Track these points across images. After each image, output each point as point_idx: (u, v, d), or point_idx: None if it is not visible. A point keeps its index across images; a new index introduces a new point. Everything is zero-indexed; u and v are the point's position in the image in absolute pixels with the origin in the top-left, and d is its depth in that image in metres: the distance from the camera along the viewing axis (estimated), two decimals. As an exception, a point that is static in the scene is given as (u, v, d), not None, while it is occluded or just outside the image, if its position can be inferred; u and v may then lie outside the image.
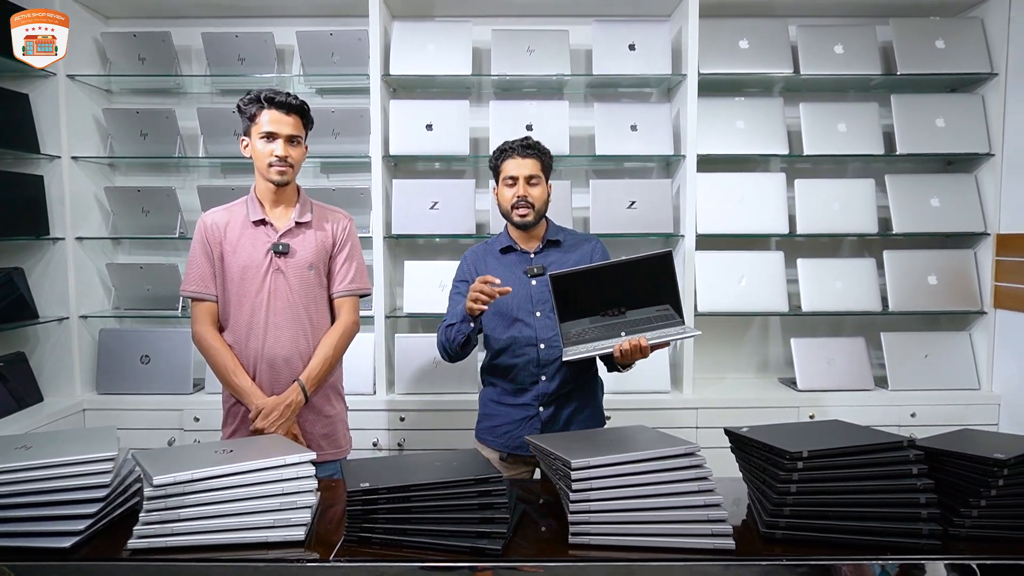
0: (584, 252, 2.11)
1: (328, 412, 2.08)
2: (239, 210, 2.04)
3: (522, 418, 2.06)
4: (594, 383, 2.15)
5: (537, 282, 2.05)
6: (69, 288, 2.87)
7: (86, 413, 2.85)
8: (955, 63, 2.92)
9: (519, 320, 2.04)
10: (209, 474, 1.30)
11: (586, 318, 1.91)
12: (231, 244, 1.99)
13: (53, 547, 1.28)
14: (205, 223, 2.02)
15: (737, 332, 3.23)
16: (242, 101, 1.97)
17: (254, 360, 1.99)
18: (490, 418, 2.13)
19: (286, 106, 1.95)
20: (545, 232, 2.12)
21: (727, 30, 2.94)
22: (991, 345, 2.93)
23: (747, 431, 1.44)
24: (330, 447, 2.07)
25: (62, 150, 2.84)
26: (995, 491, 1.31)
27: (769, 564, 1.26)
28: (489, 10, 3.06)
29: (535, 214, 2.04)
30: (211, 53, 2.96)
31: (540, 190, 2.06)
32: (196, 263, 2.02)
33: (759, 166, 3.15)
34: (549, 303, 1.95)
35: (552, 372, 2.04)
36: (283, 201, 2.04)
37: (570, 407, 2.06)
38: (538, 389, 2.04)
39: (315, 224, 2.05)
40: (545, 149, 2.10)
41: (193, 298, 2.03)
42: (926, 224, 2.94)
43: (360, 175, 3.08)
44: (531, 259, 2.09)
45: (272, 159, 1.95)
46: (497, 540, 1.29)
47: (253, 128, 1.96)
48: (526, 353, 2.04)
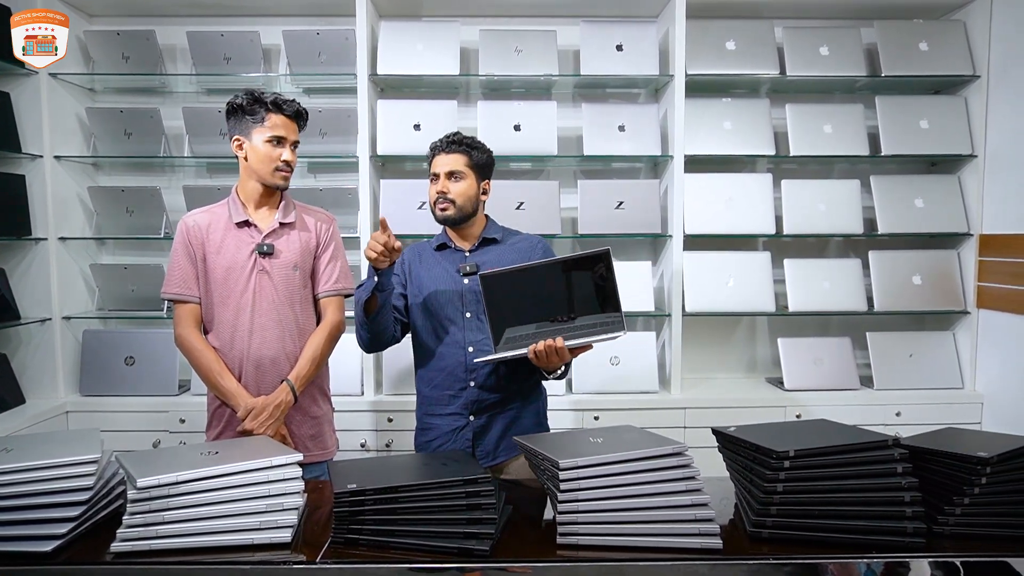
0: (522, 251, 2.01)
1: (315, 413, 2.07)
2: (221, 211, 2.02)
3: (451, 429, 1.96)
4: (534, 391, 2.03)
5: (469, 281, 1.96)
6: (52, 289, 2.84)
7: (69, 415, 2.81)
8: (938, 65, 2.95)
9: (448, 320, 1.96)
10: (194, 476, 1.29)
11: (532, 324, 1.80)
12: (214, 245, 1.98)
13: (34, 551, 1.26)
14: (187, 224, 2.01)
15: (724, 332, 3.25)
16: (243, 100, 1.94)
17: (240, 361, 1.98)
18: (424, 432, 2.03)
19: (295, 113, 1.98)
20: (483, 230, 2.04)
21: (714, 31, 2.95)
22: (974, 344, 2.96)
23: (734, 431, 1.45)
24: (317, 448, 2.06)
25: (44, 149, 2.80)
26: (979, 489, 1.32)
27: (756, 563, 1.27)
28: (477, 10, 3.06)
29: (456, 209, 1.95)
30: (196, 52, 2.94)
31: (464, 185, 1.95)
32: (178, 265, 2.00)
33: (746, 167, 3.17)
34: (482, 304, 1.85)
35: (482, 378, 1.94)
36: (267, 202, 2.03)
37: (505, 417, 1.96)
38: (467, 396, 1.94)
39: (299, 224, 2.04)
40: (477, 144, 2.00)
41: (175, 300, 2.01)
42: (910, 225, 2.97)
43: (348, 175, 3.07)
44: (465, 257, 2.01)
45: (280, 164, 1.95)
46: (485, 541, 1.29)
47: (256, 129, 1.94)
48: (454, 356, 1.95)
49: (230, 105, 1.97)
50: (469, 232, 2.03)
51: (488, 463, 1.95)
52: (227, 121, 2.00)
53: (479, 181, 2.00)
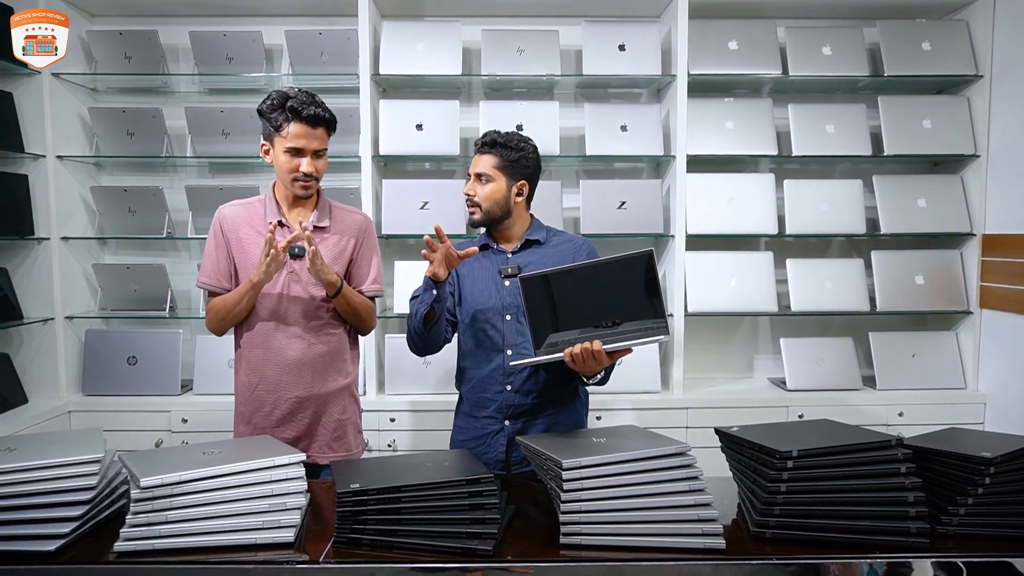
0: (565, 253, 1.95)
1: (339, 415, 2.04)
2: (257, 207, 1.99)
3: (486, 433, 1.93)
4: (572, 398, 1.97)
5: (511, 283, 1.92)
6: (54, 289, 2.84)
7: (72, 415, 2.82)
8: (941, 65, 2.95)
9: (487, 322, 1.92)
10: (197, 476, 1.29)
11: (576, 329, 1.71)
12: (248, 241, 1.95)
13: (38, 551, 1.27)
14: (221, 215, 1.98)
15: (727, 332, 3.24)
16: (266, 106, 1.87)
17: (268, 361, 1.96)
18: (460, 431, 2.02)
19: (314, 119, 1.85)
20: (525, 231, 1.99)
21: (716, 31, 2.95)
22: (977, 345, 2.95)
23: (737, 431, 1.45)
24: (342, 450, 2.04)
25: (47, 149, 2.81)
26: (982, 489, 1.32)
27: (759, 563, 1.27)
28: (479, 10, 3.06)
29: (482, 213, 1.92)
30: (199, 52, 2.94)
31: (490, 189, 1.90)
32: (210, 256, 1.98)
33: (748, 167, 3.16)
34: (521, 307, 1.78)
35: (519, 382, 1.91)
36: (302, 203, 1.98)
37: (543, 422, 1.92)
38: (503, 400, 1.91)
39: (334, 228, 2.00)
40: (513, 143, 1.92)
41: (208, 291, 2.00)
42: (913, 224, 2.97)
43: (350, 175, 3.06)
44: (508, 258, 1.97)
45: (298, 175, 1.88)
46: (488, 541, 1.29)
47: (277, 138, 1.87)
48: (491, 358, 1.92)
49: (259, 108, 1.89)
50: (510, 233, 1.98)
51: (523, 469, 1.90)
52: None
53: (511, 183, 1.92)
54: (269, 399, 1.97)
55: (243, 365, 2.00)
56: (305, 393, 1.97)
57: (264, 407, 1.97)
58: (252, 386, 1.98)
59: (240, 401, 2.02)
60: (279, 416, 1.97)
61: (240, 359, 2.02)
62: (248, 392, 1.99)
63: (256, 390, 1.97)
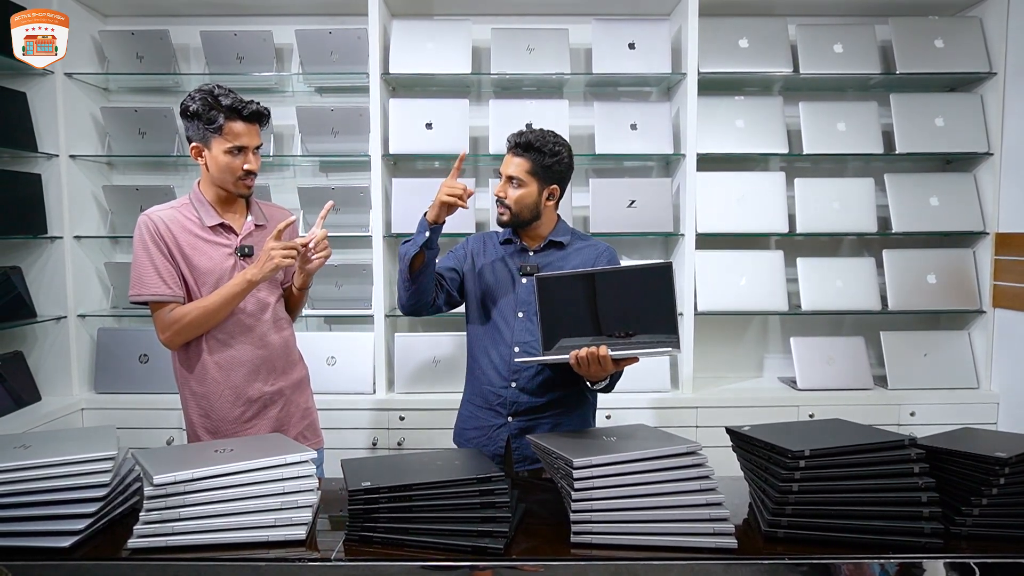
0: (586, 257, 1.95)
1: (306, 404, 2.09)
2: (187, 212, 1.90)
3: (488, 426, 1.95)
4: (579, 402, 1.95)
5: (527, 281, 1.92)
6: (67, 287, 2.86)
7: (84, 412, 2.84)
8: (954, 62, 2.92)
9: (499, 317, 1.94)
10: (209, 473, 1.30)
11: (587, 336, 1.70)
12: (188, 247, 1.88)
13: (52, 547, 1.28)
14: (154, 220, 1.86)
15: (737, 331, 3.23)
16: (198, 106, 1.79)
17: (239, 360, 1.94)
18: (463, 419, 2.04)
19: (255, 115, 1.84)
20: (550, 232, 1.99)
21: (727, 29, 2.94)
22: (990, 344, 2.93)
23: (749, 430, 1.44)
24: (313, 437, 2.08)
25: (60, 148, 2.83)
26: (996, 490, 1.31)
27: (771, 563, 1.26)
28: (488, 8, 3.05)
29: (511, 216, 1.91)
30: (210, 52, 2.95)
31: (522, 193, 1.89)
32: (154, 264, 1.84)
33: (759, 165, 3.15)
34: (535, 306, 1.78)
35: (524, 381, 1.91)
36: (234, 204, 1.96)
37: (546, 423, 1.92)
38: (507, 396, 1.92)
39: (270, 225, 1.99)
40: (548, 148, 1.89)
41: (157, 302, 1.85)
42: (925, 223, 2.95)
43: (359, 174, 3.07)
44: (529, 256, 1.97)
45: (242, 173, 1.86)
46: (499, 539, 1.29)
47: (215, 138, 1.81)
48: (499, 353, 1.93)
49: (184, 108, 1.82)
50: (535, 233, 1.98)
51: (526, 467, 1.91)
52: (182, 122, 1.85)
53: (543, 187, 1.91)
54: (238, 402, 1.92)
55: (197, 374, 1.92)
56: (272, 388, 1.97)
57: (234, 410, 1.92)
58: (215, 394, 1.91)
59: (197, 411, 1.94)
60: (250, 415, 1.94)
61: (193, 368, 1.92)
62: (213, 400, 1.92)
63: (222, 396, 1.92)
